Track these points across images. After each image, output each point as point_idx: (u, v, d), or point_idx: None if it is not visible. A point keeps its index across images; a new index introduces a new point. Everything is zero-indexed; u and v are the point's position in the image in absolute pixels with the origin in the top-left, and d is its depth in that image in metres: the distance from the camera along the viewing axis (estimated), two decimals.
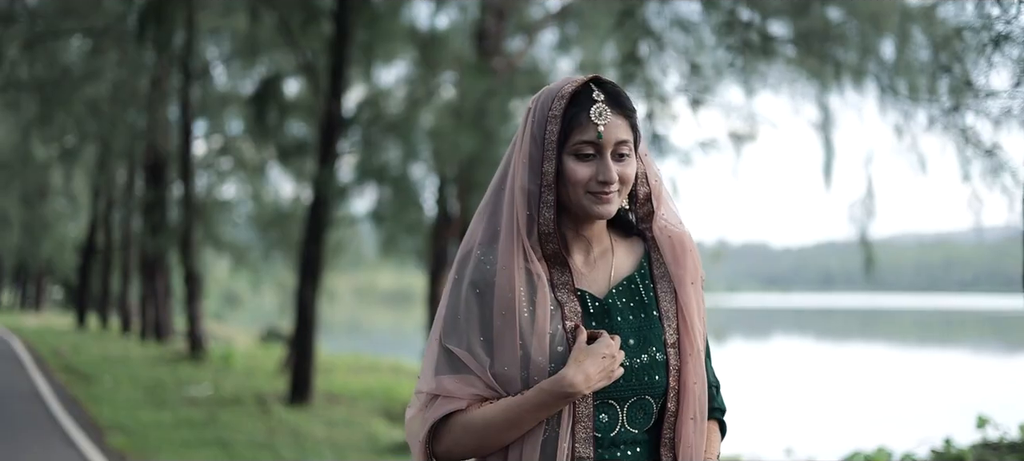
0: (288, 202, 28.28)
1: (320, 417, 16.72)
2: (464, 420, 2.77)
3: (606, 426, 2.79)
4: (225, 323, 53.72)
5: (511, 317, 2.77)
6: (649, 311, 2.87)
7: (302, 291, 18.40)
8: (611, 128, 2.80)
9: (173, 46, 23.12)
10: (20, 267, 68.95)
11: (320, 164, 17.89)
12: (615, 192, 2.81)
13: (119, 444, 13.31)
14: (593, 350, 2.72)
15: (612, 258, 2.91)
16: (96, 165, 38.68)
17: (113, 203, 41.19)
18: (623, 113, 2.83)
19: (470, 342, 2.78)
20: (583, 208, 2.81)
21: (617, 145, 2.81)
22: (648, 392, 2.81)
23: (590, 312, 2.82)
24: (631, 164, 2.84)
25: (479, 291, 2.81)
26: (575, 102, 2.82)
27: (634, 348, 2.81)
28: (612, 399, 2.78)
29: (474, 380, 2.77)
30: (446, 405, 2.78)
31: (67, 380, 20.91)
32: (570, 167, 2.79)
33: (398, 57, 19.83)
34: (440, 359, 2.81)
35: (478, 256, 2.84)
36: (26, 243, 57.87)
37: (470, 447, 2.80)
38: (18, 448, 12.55)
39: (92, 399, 17.79)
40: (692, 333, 2.85)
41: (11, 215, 57.84)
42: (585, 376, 2.70)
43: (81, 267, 45.68)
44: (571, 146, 2.80)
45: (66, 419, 15.21)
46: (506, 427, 2.75)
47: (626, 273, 2.90)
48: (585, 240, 2.88)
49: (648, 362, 2.81)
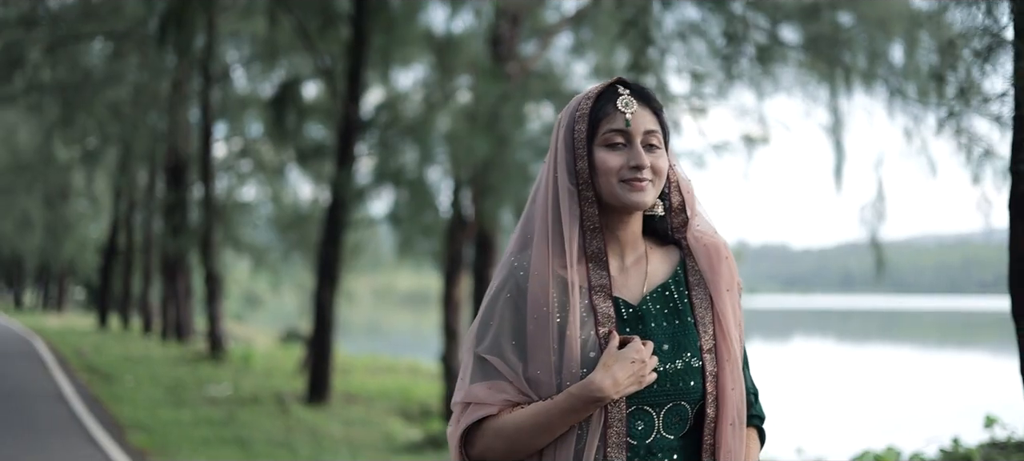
0: (307, 204, 28.52)
1: (338, 416, 16.93)
2: (496, 425, 2.80)
3: (642, 433, 2.80)
4: (246, 324, 53.94)
5: (544, 322, 2.79)
6: (684, 317, 2.87)
7: (320, 292, 18.63)
8: (639, 117, 2.84)
9: (193, 49, 23.37)
10: (42, 268, 69.35)
11: (338, 166, 18.12)
12: (648, 181, 2.83)
13: (140, 442, 13.54)
14: (622, 355, 2.74)
15: (647, 265, 2.92)
16: (118, 167, 39.02)
17: (135, 204, 41.48)
18: (650, 106, 2.88)
19: (502, 348, 2.81)
20: (617, 198, 2.82)
21: (646, 134, 2.85)
22: (684, 398, 2.82)
23: (623, 318, 2.84)
24: (662, 157, 2.87)
25: (512, 297, 2.84)
26: (602, 98, 2.88)
27: (668, 354, 2.82)
28: (647, 406, 2.80)
29: (505, 386, 2.81)
30: (477, 411, 2.81)
31: (89, 380, 21.16)
32: (601, 157, 2.83)
33: (415, 61, 20.05)
34: (474, 368, 2.85)
35: (512, 264, 2.87)
36: (48, 244, 58.25)
37: (502, 452, 2.82)
38: (41, 447, 12.80)
39: (114, 398, 18.03)
40: (728, 339, 2.86)
41: (34, 216, 58.26)
42: (613, 381, 2.71)
43: (103, 268, 45.99)
44: (601, 137, 2.84)
45: (88, 418, 15.45)
46: (536, 432, 2.77)
47: (660, 280, 2.92)
48: (619, 245, 2.90)
49: (683, 368, 2.82)
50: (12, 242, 65.39)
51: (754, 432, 2.96)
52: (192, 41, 20.06)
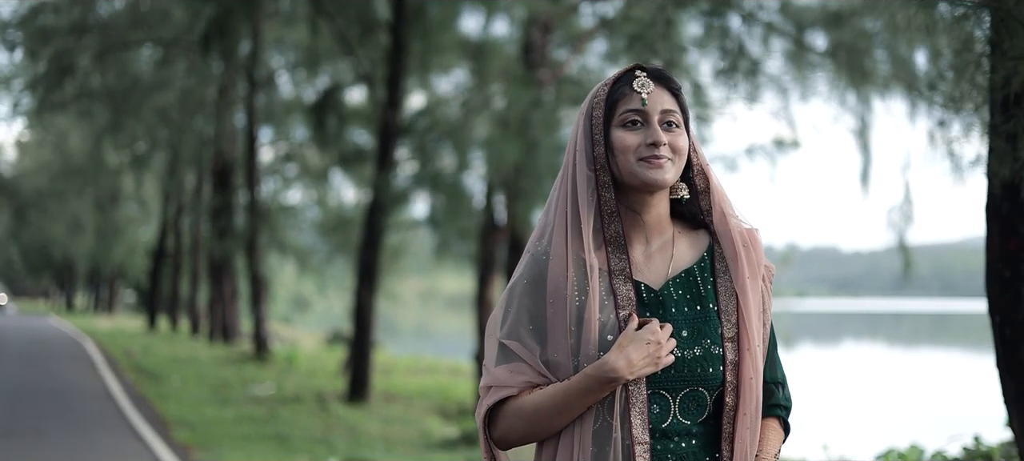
0: (351, 207, 28.95)
1: (376, 415, 17.33)
2: (516, 406, 2.84)
3: (657, 416, 2.80)
4: (293, 326, 54.50)
5: (561, 305, 2.81)
6: (706, 304, 2.87)
7: (359, 293, 19.06)
8: (656, 97, 2.85)
9: (237, 56, 23.86)
10: (94, 271, 70.19)
11: (378, 170, 18.55)
12: (667, 159, 2.83)
13: (184, 438, 13.98)
14: (638, 336, 2.74)
15: (673, 250, 2.91)
16: (166, 171, 39.56)
17: (182, 208, 42.05)
18: (667, 87, 2.89)
19: (519, 332, 2.85)
20: (636, 176, 2.82)
21: (663, 113, 2.84)
22: (702, 384, 2.81)
23: (644, 302, 2.84)
24: (682, 137, 2.86)
25: (532, 282, 2.87)
26: (619, 82, 2.89)
27: (687, 340, 2.82)
28: (664, 390, 2.80)
29: (524, 367, 2.83)
30: (498, 393, 2.85)
31: (137, 379, 21.66)
32: (618, 136, 2.84)
33: (453, 67, 20.46)
34: (496, 354, 2.89)
35: (534, 250, 2.90)
36: (99, 247, 59.06)
37: (522, 431, 2.86)
38: (89, 443, 13.26)
39: (160, 397, 18.50)
40: (750, 328, 2.85)
41: (85, 220, 59.07)
42: (627, 361, 2.72)
43: (152, 271, 46.60)
44: (618, 118, 2.85)
45: (135, 415, 15.93)
46: (554, 412, 2.80)
47: (685, 265, 2.91)
48: (644, 229, 2.90)
49: (702, 355, 2.81)
50: (64, 245, 66.25)
51: (776, 422, 2.95)
52: (236, 48, 20.53)
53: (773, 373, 2.93)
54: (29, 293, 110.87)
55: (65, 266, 77.80)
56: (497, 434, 2.89)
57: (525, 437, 2.87)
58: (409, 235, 26.22)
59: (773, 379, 2.93)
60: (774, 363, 2.94)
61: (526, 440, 2.88)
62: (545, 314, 2.83)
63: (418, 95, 22.21)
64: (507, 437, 2.88)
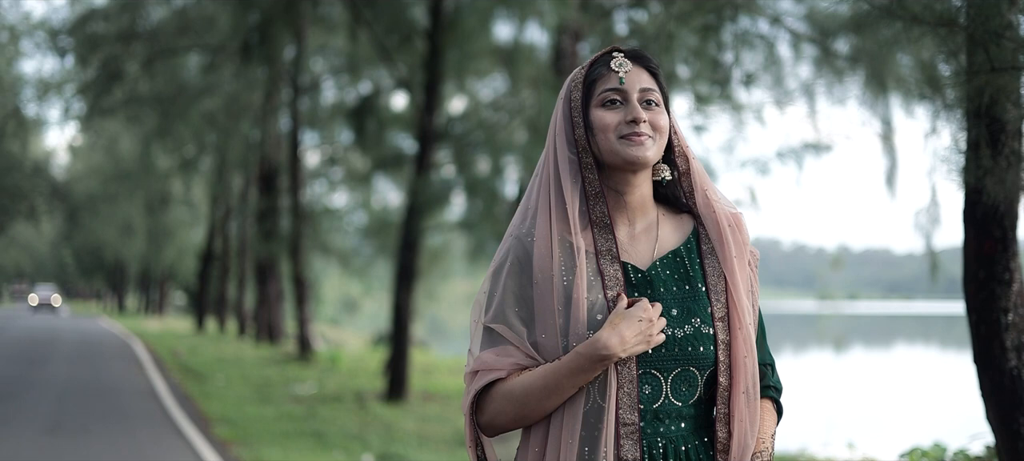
0: (394, 210, 29.39)
1: (414, 413, 17.71)
2: (504, 389, 2.79)
3: (649, 397, 2.78)
4: (341, 328, 54.98)
5: (548, 285, 2.78)
6: (694, 284, 2.85)
7: (398, 295, 19.48)
8: (633, 75, 2.84)
9: (279, 62, 24.35)
10: (144, 273, 71.04)
11: (416, 174, 18.99)
12: (647, 136, 2.81)
13: (223, 434, 14.41)
14: (630, 314, 2.72)
15: (657, 231, 2.89)
16: (214, 174, 40.19)
17: (230, 211, 42.58)
18: (645, 66, 2.88)
19: (506, 315, 2.81)
20: (617, 154, 2.80)
21: (642, 92, 2.83)
22: (693, 364, 2.79)
23: (632, 282, 2.82)
24: (662, 115, 2.84)
25: (516, 263, 2.84)
26: (597, 63, 2.89)
27: (677, 319, 2.80)
28: (655, 370, 2.77)
29: (512, 350, 2.80)
30: (486, 376, 2.81)
31: (182, 379, 22.15)
32: (597, 115, 2.82)
33: (488, 74, 20.86)
34: (482, 338, 2.87)
35: (517, 232, 2.88)
36: (150, 250, 59.82)
37: (511, 415, 2.81)
38: (133, 439, 13.73)
39: (203, 396, 18.96)
40: (740, 308, 2.83)
41: (135, 223, 59.83)
42: (620, 338, 2.70)
43: (200, 272, 47.20)
44: (596, 99, 2.83)
45: (177, 412, 16.39)
46: (545, 393, 2.75)
47: (672, 246, 2.89)
48: (628, 211, 2.88)
49: (692, 333, 2.79)
50: (115, 248, 67.02)
51: (770, 403, 2.92)
52: (278, 55, 20.98)
53: (763, 355, 2.93)
54: (82, 295, 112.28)
55: (116, 268, 78.85)
56: (484, 419, 2.84)
57: (514, 421, 2.82)
58: (450, 237, 26.61)
59: (763, 361, 2.92)
60: (763, 346, 2.94)
61: (515, 424, 2.83)
62: (531, 295, 2.80)
63: (458, 100, 22.67)
64: (495, 422, 2.83)
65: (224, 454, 12.86)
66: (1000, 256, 5.87)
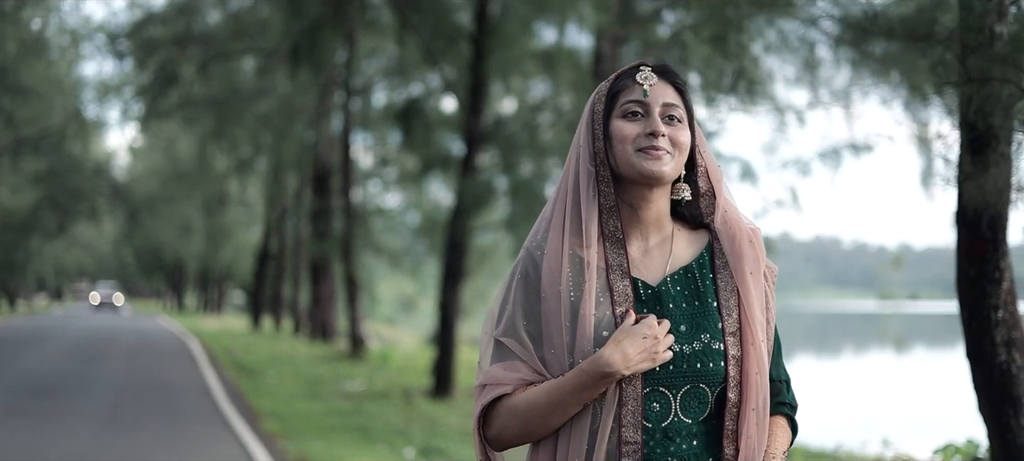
0: (445, 210, 29.78)
1: (459, 409, 18.07)
2: (510, 404, 2.77)
3: (658, 415, 2.74)
4: (397, 327, 55.40)
5: (556, 301, 2.75)
6: (705, 299, 2.80)
7: (445, 293, 19.89)
8: (658, 89, 2.80)
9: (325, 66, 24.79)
10: (203, 272, 71.87)
11: (462, 175, 19.40)
12: (666, 151, 2.77)
13: (271, 428, 14.83)
14: (634, 330, 2.68)
15: (671, 247, 2.85)
16: (269, 175, 40.77)
17: (286, 211, 43.11)
18: (671, 81, 2.84)
19: (516, 329, 2.79)
20: (633, 167, 2.77)
21: (665, 107, 2.80)
22: (703, 380, 2.75)
23: (641, 298, 2.78)
24: (683, 132, 2.80)
25: (525, 278, 2.82)
26: (623, 75, 2.86)
27: (686, 335, 2.75)
28: (663, 387, 2.73)
29: (520, 365, 2.78)
30: (493, 391, 2.78)
31: (235, 376, 22.62)
32: (617, 126, 2.79)
33: (533, 77, 21.22)
34: (492, 352, 2.84)
35: (530, 245, 2.86)
36: (208, 249, 60.59)
37: (516, 430, 2.79)
38: (182, 431, 14.19)
39: (255, 392, 19.42)
40: (753, 324, 2.78)
41: (194, 223, 60.63)
42: (623, 355, 2.66)
43: (257, 272, 47.79)
44: (618, 109, 2.81)
45: (228, 407, 16.84)
46: (549, 410, 2.73)
47: (684, 262, 2.84)
48: (642, 224, 2.84)
49: (702, 350, 2.75)
50: (174, 248, 67.82)
51: (783, 420, 2.88)
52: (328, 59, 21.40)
53: (778, 372, 2.87)
54: (142, 294, 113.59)
55: (176, 268, 79.76)
56: (491, 434, 2.81)
57: (520, 436, 2.80)
58: (499, 237, 26.97)
59: (778, 377, 2.87)
60: (778, 362, 2.88)
61: (521, 440, 2.81)
62: (540, 310, 2.78)
63: (507, 101, 23.04)
64: (501, 437, 2.81)
65: (270, 447, 13.26)
66: (991, 256, 6.16)
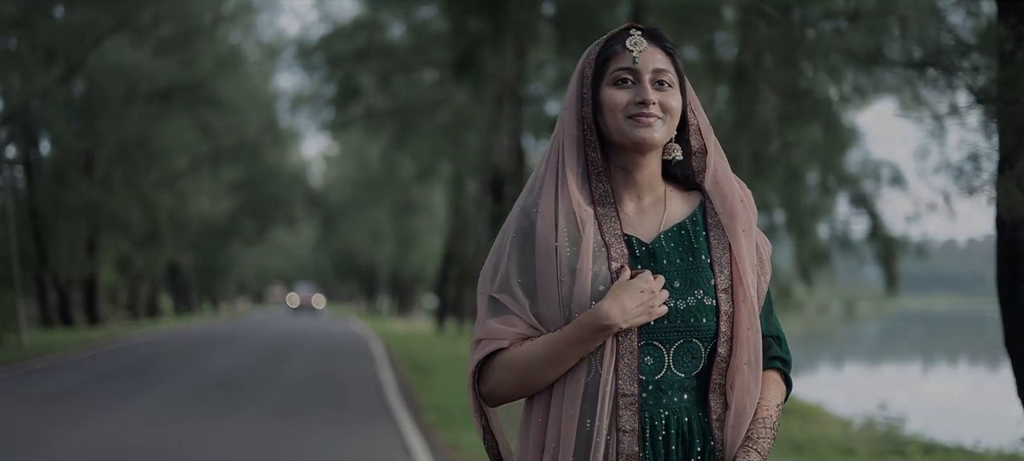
0: None
1: None
2: (507, 358, 2.78)
3: (651, 368, 2.76)
4: None
5: (550, 257, 2.76)
6: (698, 256, 2.82)
7: None
8: (648, 55, 2.78)
9: (506, 76, 25.82)
10: (394, 276, 73.47)
11: None
12: (656, 117, 2.77)
13: (431, 420, 15.73)
14: (631, 284, 2.70)
15: (665, 206, 2.86)
16: (451, 182, 41.95)
17: (467, 217, 44.13)
18: (661, 46, 2.82)
19: (510, 284, 2.80)
20: (624, 134, 2.77)
21: (655, 72, 2.78)
22: (695, 335, 2.77)
23: (636, 255, 2.79)
24: (674, 96, 2.79)
25: (520, 234, 2.83)
26: (612, 40, 2.83)
27: (679, 291, 2.77)
28: (657, 341, 2.76)
29: (516, 320, 2.79)
30: (489, 345, 2.80)
31: (409, 374, 23.62)
32: (607, 94, 2.78)
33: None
34: (487, 308, 2.85)
35: (524, 203, 2.87)
36: (398, 254, 62.11)
37: (512, 384, 2.80)
38: (346, 420, 15.29)
39: (424, 388, 20.37)
40: (744, 281, 2.79)
41: (383, 228, 62.31)
42: (621, 309, 2.68)
43: (442, 276, 48.92)
44: (608, 76, 2.79)
45: (395, 401, 17.87)
46: (546, 363, 2.74)
47: (677, 220, 2.86)
48: (636, 186, 2.85)
49: (695, 305, 2.77)
50: (367, 252, 69.61)
51: (776, 375, 2.89)
52: (489, 73, 22.36)
53: (770, 327, 2.89)
54: (337, 298, 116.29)
55: (369, 272, 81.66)
56: (486, 389, 2.85)
57: (515, 390, 2.81)
58: None
59: (770, 333, 2.89)
60: (770, 319, 2.90)
61: (517, 394, 2.83)
62: (534, 266, 2.79)
63: None
64: (496, 391, 2.84)
65: (428, 437, 14.16)
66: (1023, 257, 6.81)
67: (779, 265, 20.35)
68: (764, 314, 2.86)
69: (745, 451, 2.76)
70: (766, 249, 2.91)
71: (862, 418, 15.97)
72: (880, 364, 42.04)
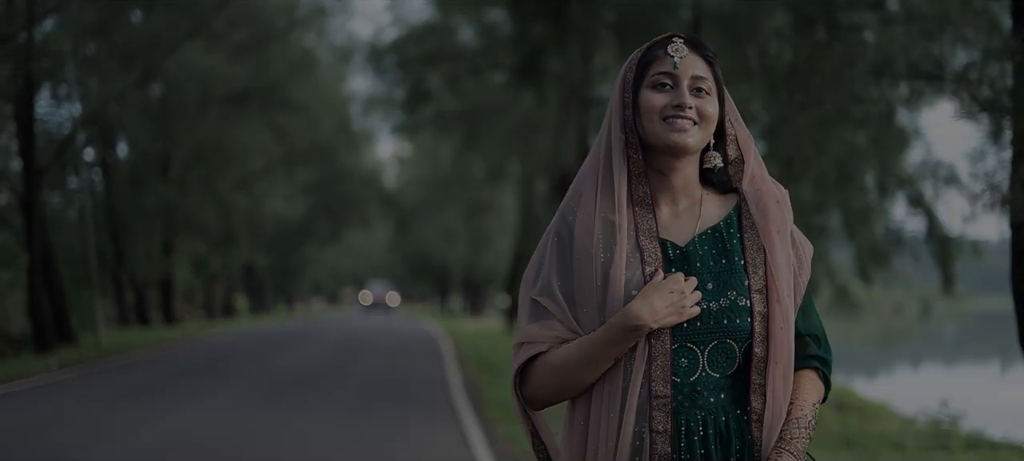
0: None
1: None
2: (546, 360, 2.84)
3: (686, 370, 2.79)
4: None
5: (588, 262, 2.81)
6: (732, 257, 2.85)
7: None
8: (688, 62, 2.82)
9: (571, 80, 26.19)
10: (467, 276, 73.81)
11: None
12: (692, 122, 2.81)
13: (492, 415, 16.09)
14: (661, 285, 2.74)
15: (700, 209, 2.90)
16: (521, 183, 42.32)
17: (537, 217, 44.53)
18: (701, 54, 2.86)
19: (551, 288, 2.85)
20: (658, 137, 2.81)
21: (694, 79, 2.82)
22: (729, 336, 2.80)
23: (670, 258, 2.83)
24: (712, 104, 2.84)
25: (560, 239, 2.88)
26: (655, 46, 2.88)
27: (713, 292, 2.80)
28: (691, 343, 2.79)
29: (555, 324, 2.84)
30: (530, 349, 2.86)
31: (476, 371, 23.95)
32: (645, 96, 2.83)
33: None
34: (529, 312, 2.90)
35: (564, 211, 2.92)
36: (470, 253, 62.43)
37: (552, 387, 2.85)
38: (408, 414, 15.72)
39: (489, 384, 20.64)
40: (778, 282, 2.82)
41: (456, 228, 62.68)
42: (651, 309, 2.72)
43: (512, 275, 49.26)
44: (648, 80, 2.84)
45: (459, 396, 18.24)
46: (581, 365, 2.79)
47: (712, 222, 2.89)
48: (672, 189, 2.89)
49: (728, 306, 2.80)
50: (440, 252, 69.93)
51: (814, 374, 2.90)
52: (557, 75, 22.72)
53: (809, 326, 2.91)
54: (411, 298, 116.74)
55: (442, 272, 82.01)
56: (528, 392, 2.90)
57: (557, 393, 2.86)
58: None
59: (808, 332, 2.91)
60: (809, 318, 2.92)
61: (558, 396, 2.88)
62: (572, 270, 2.84)
63: None
64: (537, 394, 2.89)
65: (488, 431, 14.50)
66: None
67: (839, 266, 20.52)
68: (803, 313, 2.90)
69: (778, 451, 2.78)
70: (806, 250, 2.94)
71: (926, 417, 16.02)
72: (956, 364, 41.92)
